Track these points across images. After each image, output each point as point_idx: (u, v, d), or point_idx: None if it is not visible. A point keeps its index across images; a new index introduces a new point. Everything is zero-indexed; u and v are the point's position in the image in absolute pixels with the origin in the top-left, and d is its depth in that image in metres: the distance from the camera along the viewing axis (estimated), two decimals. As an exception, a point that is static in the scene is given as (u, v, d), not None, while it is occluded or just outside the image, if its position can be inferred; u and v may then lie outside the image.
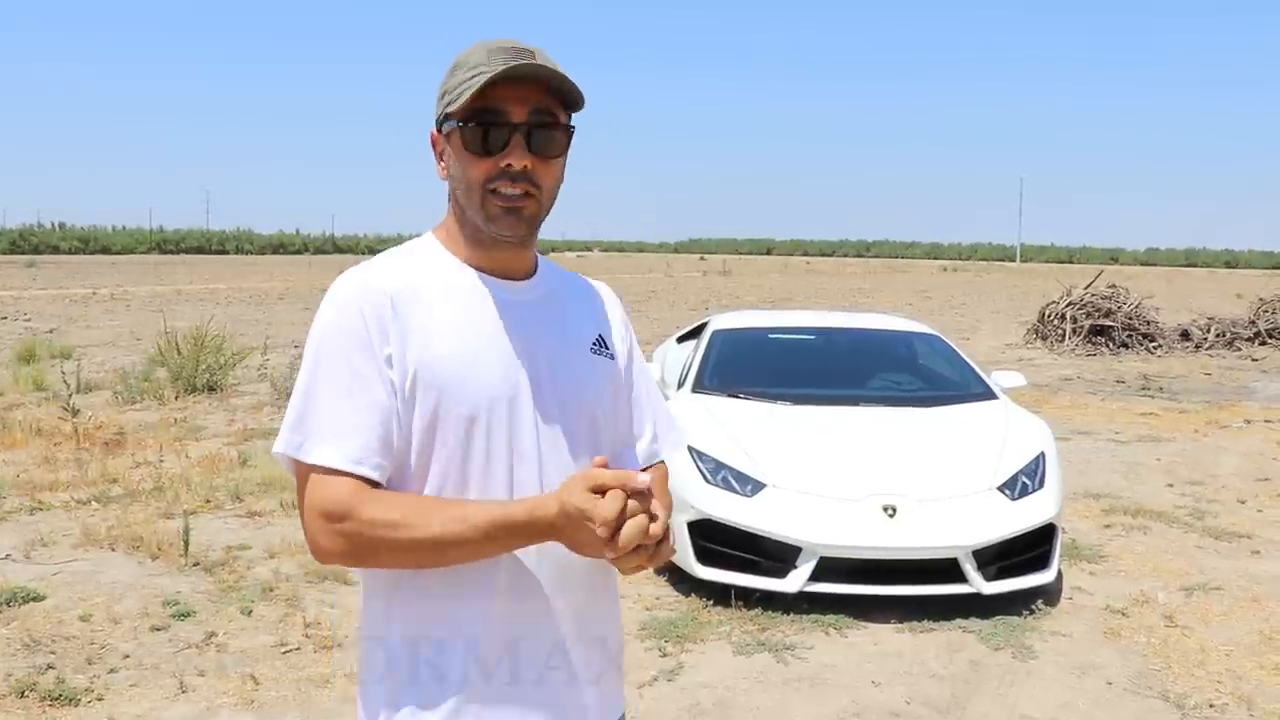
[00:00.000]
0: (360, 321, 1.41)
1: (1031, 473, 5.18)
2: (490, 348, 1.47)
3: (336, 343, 1.42)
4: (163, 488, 6.78)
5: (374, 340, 1.41)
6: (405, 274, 1.48)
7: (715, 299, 30.23)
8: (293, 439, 1.41)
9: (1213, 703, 4.02)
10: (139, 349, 14.37)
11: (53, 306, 23.61)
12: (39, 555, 5.49)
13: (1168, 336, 17.63)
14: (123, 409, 9.82)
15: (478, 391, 1.44)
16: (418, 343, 1.42)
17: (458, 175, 1.49)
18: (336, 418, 1.39)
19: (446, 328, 1.45)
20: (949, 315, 25.61)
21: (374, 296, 1.43)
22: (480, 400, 1.44)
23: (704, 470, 5.08)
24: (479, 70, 1.43)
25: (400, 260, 1.52)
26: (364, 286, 1.44)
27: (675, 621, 4.73)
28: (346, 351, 1.41)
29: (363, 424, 1.39)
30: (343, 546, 1.38)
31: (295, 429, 1.41)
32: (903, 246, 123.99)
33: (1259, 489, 7.50)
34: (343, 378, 1.40)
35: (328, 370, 1.41)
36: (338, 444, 1.38)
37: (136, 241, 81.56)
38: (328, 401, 1.40)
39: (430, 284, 1.48)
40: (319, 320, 1.46)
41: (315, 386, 1.42)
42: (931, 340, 7.00)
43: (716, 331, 6.94)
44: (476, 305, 1.49)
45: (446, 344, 1.44)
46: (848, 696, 4.05)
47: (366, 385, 1.40)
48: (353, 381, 1.40)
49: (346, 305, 1.43)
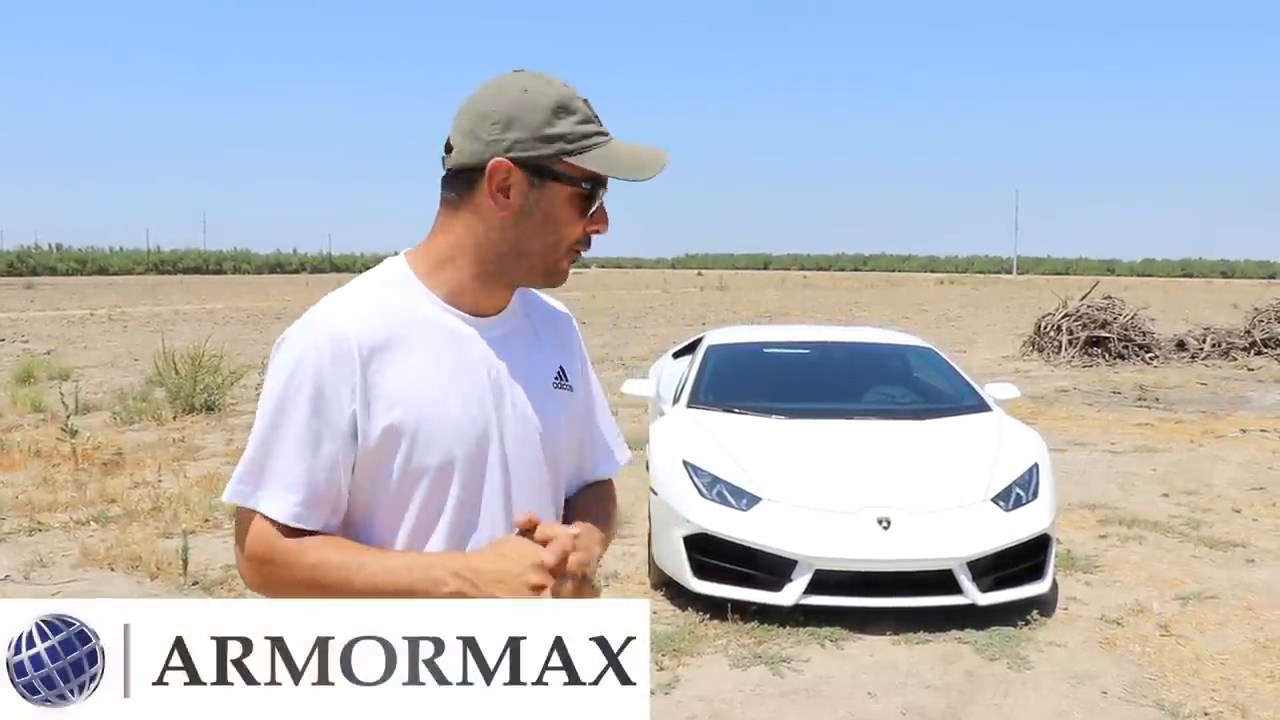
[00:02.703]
0: (325, 374, 1.37)
1: (1025, 484, 5.21)
2: (461, 393, 1.44)
3: (297, 395, 1.38)
4: (161, 507, 6.80)
5: (339, 394, 1.38)
6: (376, 317, 1.42)
7: (712, 314, 30.28)
8: (241, 489, 1.41)
9: (1207, 711, 4.04)
10: (137, 369, 14.39)
11: (50, 328, 23.62)
12: (38, 576, 5.51)
13: (1164, 347, 17.67)
14: (121, 429, 9.84)
15: (449, 439, 1.42)
16: (387, 395, 1.39)
17: (548, 227, 1.44)
18: (288, 473, 1.39)
19: (417, 375, 1.41)
20: (945, 328, 25.65)
21: (342, 345, 1.38)
22: (452, 448, 1.42)
23: (699, 485, 5.11)
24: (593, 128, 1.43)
25: (372, 299, 1.44)
26: (332, 334, 1.39)
27: (671, 635, 4.75)
28: (306, 405, 1.38)
29: (314, 481, 1.39)
30: (260, 583, 1.43)
31: (244, 479, 1.41)
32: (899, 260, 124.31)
33: (1254, 498, 7.52)
34: (299, 432, 1.38)
35: (285, 422, 1.39)
36: (284, 498, 1.39)
37: (134, 262, 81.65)
38: (281, 456, 1.39)
39: (402, 328, 1.43)
40: (282, 363, 1.41)
41: (271, 438, 1.39)
42: (925, 354, 7.04)
43: (712, 347, 6.97)
44: (450, 348, 1.45)
45: (417, 392, 1.41)
46: (844, 708, 4.07)
47: (322, 441, 1.38)
48: (309, 437, 1.38)
49: (310, 354, 1.38)
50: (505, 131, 1.41)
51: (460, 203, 1.46)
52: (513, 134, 1.40)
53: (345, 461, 1.40)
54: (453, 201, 1.47)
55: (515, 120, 1.41)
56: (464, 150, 1.43)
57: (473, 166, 1.42)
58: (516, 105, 1.41)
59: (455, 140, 1.45)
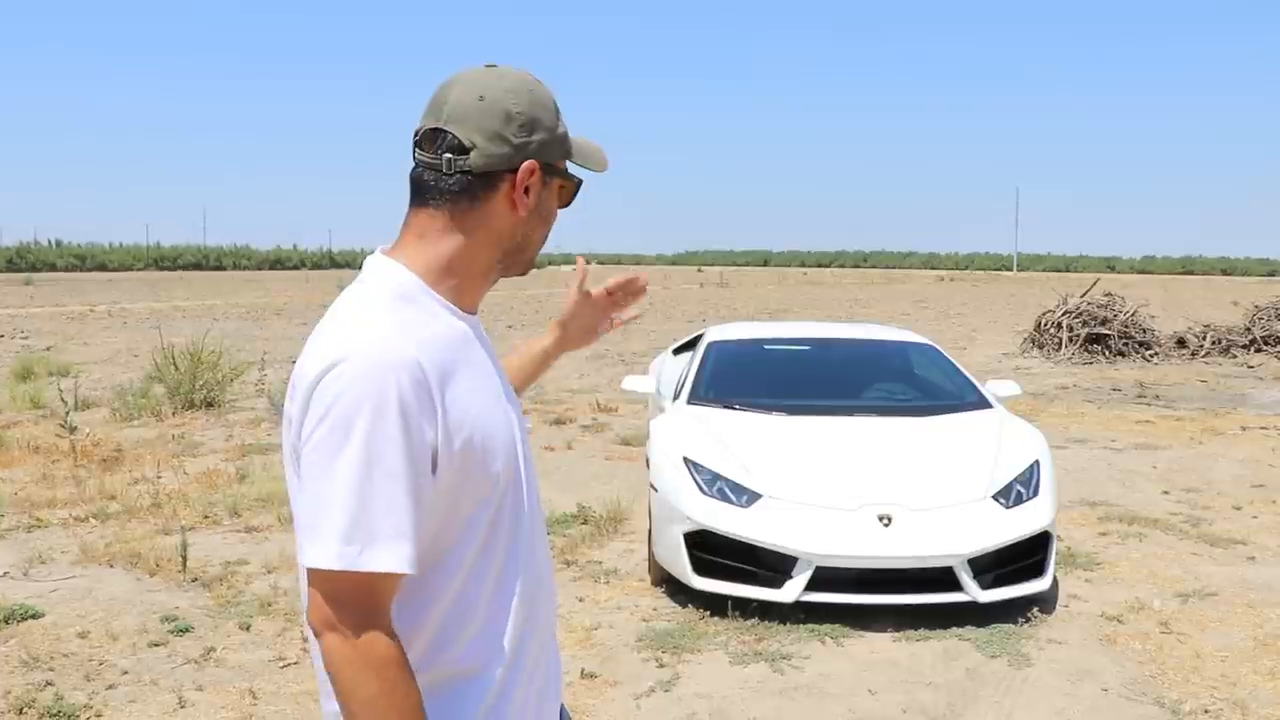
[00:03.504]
0: (410, 407, 1.27)
1: (1026, 481, 5.20)
2: (494, 395, 1.45)
3: (386, 432, 1.25)
4: (160, 504, 6.80)
5: (423, 426, 1.29)
6: (418, 330, 1.35)
7: (712, 311, 30.28)
8: (348, 551, 1.24)
9: (1208, 708, 4.04)
10: (136, 365, 14.38)
11: (50, 324, 23.62)
12: (37, 572, 5.51)
13: (1164, 344, 17.67)
14: (120, 426, 9.84)
15: (499, 444, 1.41)
16: (458, 418, 1.33)
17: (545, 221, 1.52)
18: (399, 519, 1.26)
19: (466, 385, 1.37)
20: (946, 325, 25.66)
21: (417, 374, 1.29)
22: (502, 452, 1.42)
23: (700, 481, 5.11)
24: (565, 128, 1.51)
25: (399, 310, 1.36)
26: (406, 363, 1.28)
27: (672, 632, 4.75)
28: (400, 442, 1.26)
29: (419, 524, 1.29)
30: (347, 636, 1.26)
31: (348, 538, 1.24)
32: (900, 257, 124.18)
33: (1254, 495, 7.52)
34: (399, 473, 1.26)
35: (379, 464, 1.25)
36: (401, 548, 1.26)
37: (133, 258, 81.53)
38: (385, 501, 1.26)
39: (450, 347, 1.38)
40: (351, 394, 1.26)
41: (367, 486, 1.25)
42: (927, 350, 7.03)
43: (712, 343, 6.97)
44: (473, 353, 1.44)
45: (477, 408, 1.38)
46: (844, 706, 4.07)
47: (419, 477, 1.28)
48: (409, 476, 1.27)
49: (390, 386, 1.26)
50: (532, 133, 1.42)
51: (478, 204, 1.42)
52: (539, 136, 1.43)
53: (429, 494, 1.31)
54: (469, 202, 1.42)
55: (538, 122, 1.43)
56: (491, 153, 1.40)
57: (500, 169, 1.41)
58: (535, 106, 1.43)
59: (476, 141, 1.40)
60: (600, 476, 7.83)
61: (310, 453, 1.28)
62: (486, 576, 1.40)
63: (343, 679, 1.26)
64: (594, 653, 4.55)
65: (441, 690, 1.38)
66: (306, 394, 1.29)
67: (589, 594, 5.31)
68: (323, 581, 1.27)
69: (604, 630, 4.82)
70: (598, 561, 5.83)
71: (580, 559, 5.86)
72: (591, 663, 4.43)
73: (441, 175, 1.41)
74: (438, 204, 1.42)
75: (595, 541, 6.20)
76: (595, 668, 4.38)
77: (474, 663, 1.40)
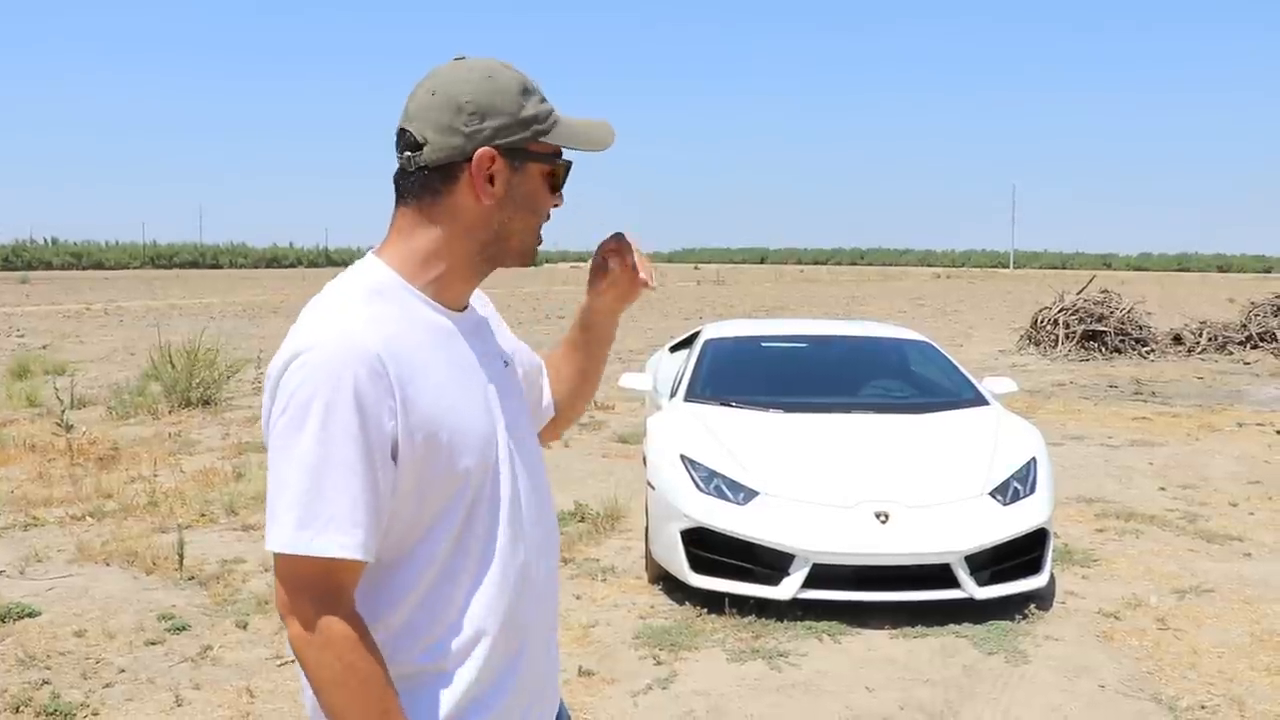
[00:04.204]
0: (365, 395, 1.29)
1: (1023, 478, 5.20)
2: (472, 392, 1.44)
3: (340, 420, 1.28)
4: (157, 502, 6.79)
5: (380, 414, 1.30)
6: (385, 324, 1.36)
7: (709, 308, 30.27)
8: (301, 536, 1.28)
9: (1204, 704, 4.04)
10: (133, 364, 14.36)
11: (46, 322, 23.58)
12: (34, 571, 5.50)
13: (1160, 341, 17.69)
14: (117, 424, 9.82)
15: (473, 441, 1.41)
16: (421, 409, 1.35)
17: (527, 207, 1.46)
18: (350, 506, 1.29)
19: (435, 380, 1.38)
20: (942, 322, 25.67)
21: (374, 363, 1.30)
22: (475, 448, 1.41)
23: (697, 479, 5.10)
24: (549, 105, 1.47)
25: (370, 304, 1.38)
26: (361, 352, 1.30)
27: (669, 629, 4.75)
28: (354, 430, 1.29)
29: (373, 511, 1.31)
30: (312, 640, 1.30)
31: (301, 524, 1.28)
32: (896, 254, 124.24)
33: (1251, 492, 7.53)
34: (351, 460, 1.29)
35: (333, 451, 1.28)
36: (351, 534, 1.29)
37: (130, 256, 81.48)
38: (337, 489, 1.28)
39: (410, 331, 1.39)
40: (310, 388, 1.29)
41: (322, 472, 1.28)
42: (923, 347, 7.03)
43: (709, 340, 6.96)
44: (451, 349, 1.44)
45: (445, 401, 1.38)
46: (841, 703, 4.07)
47: (374, 467, 1.30)
48: (362, 463, 1.29)
49: (345, 374, 1.29)
50: (484, 121, 1.40)
51: (440, 197, 1.43)
52: (492, 122, 1.41)
53: (388, 484, 1.33)
54: (432, 196, 1.43)
55: (492, 108, 1.41)
56: (442, 145, 1.41)
57: (457, 160, 1.41)
58: (487, 93, 1.41)
59: (428, 135, 1.41)
60: (597, 474, 7.83)
61: (273, 441, 1.32)
62: (460, 574, 1.41)
63: (306, 662, 1.31)
64: (591, 650, 4.55)
65: (409, 684, 1.39)
66: (273, 385, 1.33)
67: (586, 592, 5.31)
68: (283, 567, 1.31)
69: (601, 628, 4.82)
70: (595, 559, 5.83)
71: (577, 556, 5.85)
72: (589, 660, 4.42)
73: (406, 174, 1.45)
74: (408, 201, 1.45)
75: (592, 539, 6.20)
76: (593, 665, 4.38)
77: (445, 660, 1.41)
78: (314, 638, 1.29)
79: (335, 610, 1.30)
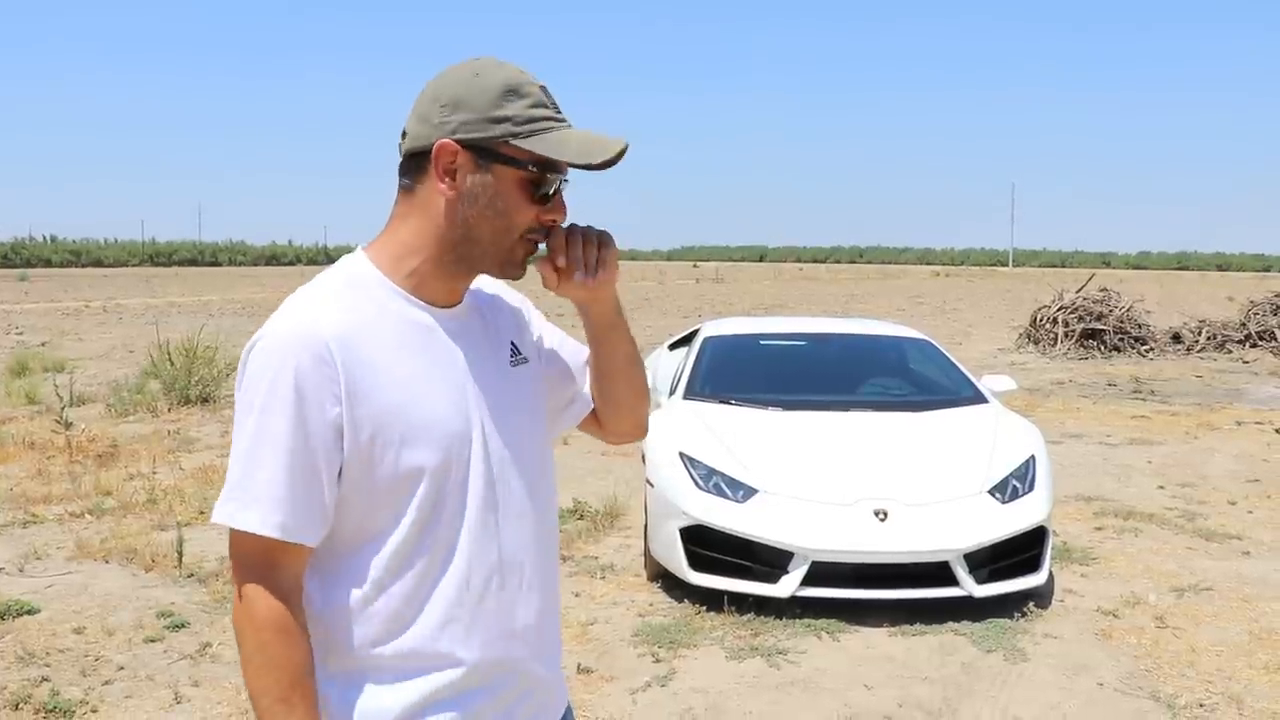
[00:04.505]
0: (305, 379, 1.32)
1: (1022, 476, 5.20)
2: (440, 387, 1.43)
3: (278, 403, 1.32)
4: (156, 500, 6.79)
5: (322, 399, 1.33)
6: (348, 314, 1.38)
7: (708, 306, 30.27)
8: (226, 509, 1.34)
9: (1203, 702, 4.05)
10: (132, 361, 14.36)
11: (45, 319, 23.56)
12: (33, 568, 5.50)
13: (1159, 340, 17.70)
14: (116, 421, 9.82)
15: (436, 435, 1.40)
16: (371, 397, 1.35)
17: (495, 209, 1.40)
18: (274, 486, 1.32)
19: (397, 374, 1.38)
20: (941, 320, 25.67)
21: (319, 348, 1.33)
22: (438, 443, 1.40)
23: (696, 476, 5.10)
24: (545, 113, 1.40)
25: (340, 296, 1.40)
26: (308, 337, 1.33)
27: (668, 627, 4.75)
28: (290, 413, 1.32)
29: (300, 494, 1.33)
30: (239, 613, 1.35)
31: (229, 498, 1.34)
32: (896, 252, 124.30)
33: (1249, 490, 7.54)
34: (285, 443, 1.32)
35: (268, 433, 1.32)
36: (271, 513, 1.32)
37: (128, 254, 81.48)
38: (266, 469, 1.32)
39: (375, 324, 1.39)
40: (257, 371, 1.34)
41: (255, 451, 1.33)
42: (922, 345, 7.03)
43: (708, 338, 6.96)
44: (421, 342, 1.43)
45: (401, 391, 1.38)
46: (840, 700, 4.07)
47: (308, 451, 1.33)
48: (294, 446, 1.32)
49: (288, 359, 1.32)
50: (453, 113, 1.39)
51: (415, 189, 1.43)
52: (459, 116, 1.39)
53: (331, 470, 1.35)
54: (408, 188, 1.44)
55: (463, 102, 1.39)
56: (415, 135, 1.42)
57: (422, 150, 1.41)
58: (465, 87, 1.40)
59: (409, 127, 1.44)
60: (596, 472, 7.84)
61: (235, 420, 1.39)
62: (419, 571, 1.41)
63: (235, 631, 1.37)
64: (590, 648, 4.55)
65: (356, 678, 1.40)
66: (239, 370, 1.39)
67: (585, 589, 5.31)
68: (230, 540, 1.37)
69: (600, 625, 4.83)
70: (594, 557, 5.83)
71: (576, 554, 5.86)
72: (588, 658, 4.43)
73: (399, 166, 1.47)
74: (398, 191, 1.47)
75: (591, 537, 6.20)
76: (591, 663, 4.38)
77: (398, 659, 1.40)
78: (241, 612, 1.35)
79: (267, 587, 1.34)
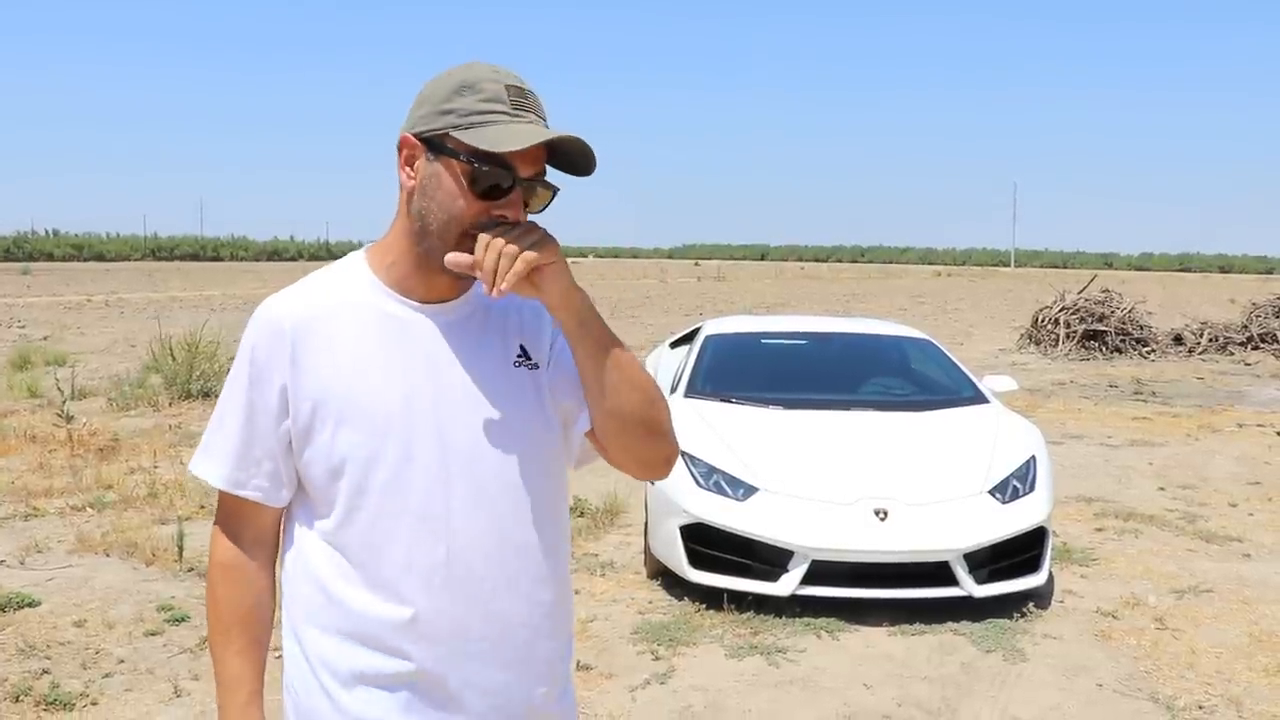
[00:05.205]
0: (260, 351, 1.47)
1: (1022, 476, 5.20)
2: (396, 378, 1.45)
3: (240, 373, 1.50)
4: (157, 494, 6.79)
5: (271, 368, 1.47)
6: (316, 301, 1.49)
7: (709, 304, 30.26)
8: (194, 457, 1.57)
9: (1202, 704, 4.05)
10: (133, 355, 14.36)
11: (47, 313, 23.57)
12: (34, 561, 5.50)
13: (1161, 341, 17.69)
14: (117, 415, 9.83)
15: (379, 420, 1.43)
16: (315, 372, 1.45)
17: (438, 202, 1.41)
18: (226, 440, 1.51)
19: (349, 356, 1.45)
20: (943, 320, 25.66)
21: (275, 324, 1.47)
22: (373, 430, 1.43)
23: (696, 474, 5.11)
24: (496, 107, 1.39)
25: (317, 285, 1.52)
26: (268, 315, 1.49)
27: (667, 625, 4.75)
28: (245, 380, 1.49)
29: (246, 450, 1.50)
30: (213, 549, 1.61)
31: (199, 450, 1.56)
32: (897, 252, 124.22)
33: (1250, 492, 7.54)
34: (239, 403, 1.50)
35: (229, 397, 1.52)
36: (219, 463, 1.52)
37: (130, 248, 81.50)
38: (223, 426, 1.52)
39: (341, 310, 1.48)
40: (239, 349, 1.52)
41: (219, 412, 1.53)
42: (923, 345, 7.03)
43: (709, 336, 6.96)
44: (389, 333, 1.47)
45: (348, 373, 1.44)
46: (839, 699, 4.08)
47: (255, 413, 1.48)
48: (245, 407, 1.49)
49: (252, 334, 1.49)
50: (418, 108, 1.45)
51: (399, 185, 1.49)
52: (421, 110, 1.45)
53: (280, 434, 1.48)
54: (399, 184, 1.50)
55: (426, 98, 1.45)
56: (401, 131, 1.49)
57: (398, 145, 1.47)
58: (434, 84, 1.45)
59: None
60: (596, 469, 7.78)
61: None
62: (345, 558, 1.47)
63: None
64: (590, 645, 4.56)
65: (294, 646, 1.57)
66: None
67: (585, 587, 5.32)
68: None
69: (600, 623, 4.83)
70: (594, 554, 5.83)
71: (576, 552, 5.86)
72: (587, 655, 4.43)
73: None
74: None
75: (591, 534, 6.20)
76: (591, 660, 4.39)
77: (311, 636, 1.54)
78: (210, 556, 1.60)
79: (226, 534, 1.57)
